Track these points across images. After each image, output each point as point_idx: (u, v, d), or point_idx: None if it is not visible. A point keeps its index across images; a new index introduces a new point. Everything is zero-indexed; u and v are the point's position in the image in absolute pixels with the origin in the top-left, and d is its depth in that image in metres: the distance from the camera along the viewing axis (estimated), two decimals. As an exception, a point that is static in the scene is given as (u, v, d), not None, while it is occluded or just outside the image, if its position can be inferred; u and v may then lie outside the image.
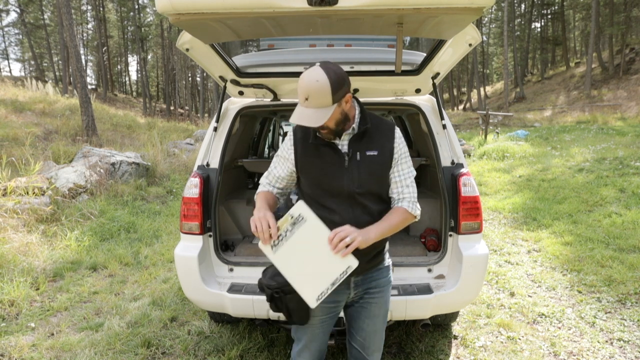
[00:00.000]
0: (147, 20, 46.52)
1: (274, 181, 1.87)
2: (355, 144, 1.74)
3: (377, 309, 1.90)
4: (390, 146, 1.76)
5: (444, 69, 2.82)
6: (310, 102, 1.56)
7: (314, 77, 1.54)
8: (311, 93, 1.54)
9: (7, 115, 12.48)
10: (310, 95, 1.55)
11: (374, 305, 1.88)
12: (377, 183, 1.76)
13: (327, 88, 1.54)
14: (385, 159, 1.76)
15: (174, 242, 5.47)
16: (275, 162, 1.87)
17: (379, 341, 1.97)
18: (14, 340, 3.16)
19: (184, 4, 1.59)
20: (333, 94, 1.55)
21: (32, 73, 43.60)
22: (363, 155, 1.73)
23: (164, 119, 25.47)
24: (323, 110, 1.56)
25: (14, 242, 4.85)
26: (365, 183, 1.72)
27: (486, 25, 48.42)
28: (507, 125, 21.47)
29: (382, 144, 1.76)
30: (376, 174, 1.75)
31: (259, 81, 2.93)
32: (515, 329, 3.29)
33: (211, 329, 3.32)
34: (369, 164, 1.73)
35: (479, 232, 2.65)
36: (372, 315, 1.90)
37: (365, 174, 1.72)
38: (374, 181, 1.75)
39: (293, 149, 1.79)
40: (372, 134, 1.77)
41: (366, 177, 1.72)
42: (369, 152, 1.74)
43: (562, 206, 6.71)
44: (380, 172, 1.76)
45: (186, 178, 8.08)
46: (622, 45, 30.91)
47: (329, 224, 1.61)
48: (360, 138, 1.75)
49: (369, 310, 1.89)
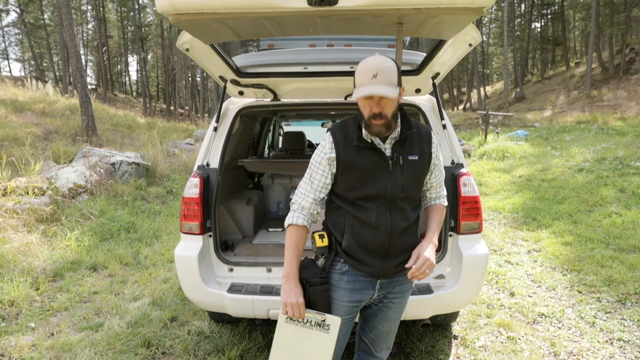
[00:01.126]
0: (147, 20, 46.52)
1: (319, 190, 1.77)
2: (399, 147, 1.72)
3: (395, 313, 1.91)
4: (429, 151, 1.79)
5: (444, 69, 2.82)
6: (379, 78, 1.56)
7: (380, 58, 1.59)
8: (380, 69, 1.56)
9: (7, 115, 12.48)
10: (379, 71, 1.56)
11: (393, 309, 1.89)
12: (417, 187, 1.79)
13: (395, 68, 1.60)
14: (425, 163, 1.78)
15: (174, 242, 5.47)
16: (314, 170, 1.78)
17: (389, 341, 1.99)
18: (14, 340, 3.16)
19: (184, 4, 1.59)
20: (398, 76, 1.62)
21: (32, 73, 43.59)
22: (405, 160, 1.72)
23: (164, 119, 25.49)
24: (393, 88, 1.58)
25: (14, 242, 4.85)
26: (407, 187, 1.71)
27: (486, 25, 48.42)
28: (507, 125, 21.47)
29: (422, 149, 1.77)
30: (417, 179, 1.77)
31: (259, 81, 2.93)
32: (515, 329, 3.29)
33: (211, 329, 3.32)
34: (411, 168, 1.73)
35: (479, 232, 2.65)
36: (389, 318, 1.91)
37: (408, 178, 1.72)
38: (415, 185, 1.76)
39: (335, 150, 1.72)
40: (414, 139, 1.77)
41: (409, 181, 1.72)
42: (411, 157, 1.73)
43: (562, 206, 6.71)
44: (420, 176, 1.79)
45: (186, 178, 8.08)
46: (622, 45, 30.91)
47: (362, 223, 1.70)
48: (403, 142, 1.73)
49: (387, 313, 1.90)
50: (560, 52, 42.32)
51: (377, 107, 1.60)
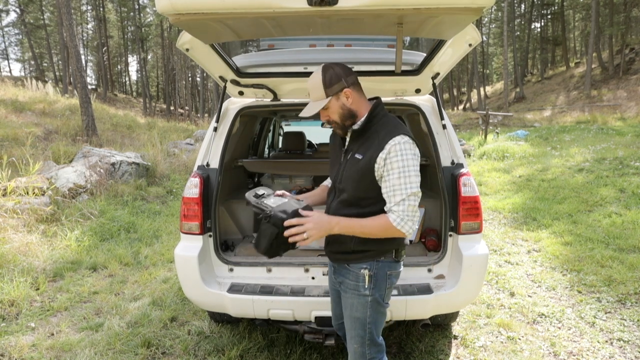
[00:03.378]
0: (147, 20, 46.50)
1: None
2: (354, 144, 1.89)
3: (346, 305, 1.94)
4: (375, 157, 1.74)
5: (444, 69, 2.82)
6: (311, 96, 1.85)
7: (312, 75, 1.84)
8: (309, 88, 1.84)
9: (7, 115, 12.47)
10: (309, 90, 1.84)
11: (345, 298, 1.95)
12: (353, 186, 1.82)
13: (318, 80, 1.80)
14: (365, 166, 1.77)
15: (174, 242, 5.46)
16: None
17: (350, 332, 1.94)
18: (14, 340, 3.17)
19: (184, 4, 1.59)
20: (325, 87, 1.79)
21: (32, 73, 43.59)
22: (352, 156, 1.86)
23: (164, 119, 25.48)
24: (318, 103, 1.82)
25: (14, 242, 4.85)
26: (344, 181, 1.87)
27: (486, 25, 48.41)
28: (507, 125, 21.46)
29: (370, 152, 1.77)
30: (354, 178, 1.81)
31: (259, 81, 2.93)
32: (515, 329, 3.29)
33: (211, 329, 3.32)
34: (352, 165, 1.83)
35: (479, 232, 2.65)
36: (345, 307, 1.96)
37: (347, 173, 1.86)
38: (350, 183, 1.83)
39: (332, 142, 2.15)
40: (370, 139, 1.80)
41: (347, 176, 1.86)
42: (357, 155, 1.82)
43: (562, 206, 6.71)
44: (358, 176, 1.79)
45: (186, 178, 8.08)
46: (622, 46, 30.91)
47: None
48: (358, 139, 1.87)
49: (344, 301, 1.96)
50: (560, 52, 42.32)
51: (323, 117, 1.88)
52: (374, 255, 1.84)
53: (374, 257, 1.84)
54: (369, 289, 1.84)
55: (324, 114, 1.86)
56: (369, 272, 1.84)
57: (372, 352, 1.92)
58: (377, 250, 1.83)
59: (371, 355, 1.92)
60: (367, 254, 1.84)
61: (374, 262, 1.85)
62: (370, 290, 1.84)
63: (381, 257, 1.85)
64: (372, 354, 1.92)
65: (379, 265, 1.85)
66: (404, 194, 1.69)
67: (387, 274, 1.87)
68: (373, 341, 1.91)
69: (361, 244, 1.81)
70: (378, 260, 1.85)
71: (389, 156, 1.71)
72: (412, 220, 1.71)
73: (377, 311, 1.88)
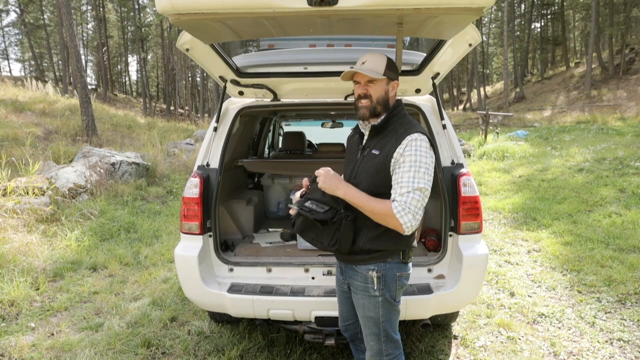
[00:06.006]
0: (147, 20, 46.47)
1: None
2: (372, 140, 1.90)
3: (358, 305, 1.97)
4: (392, 150, 1.78)
5: (444, 69, 2.82)
6: (366, 64, 1.84)
7: (376, 53, 1.88)
8: (369, 58, 1.85)
9: (7, 115, 12.47)
10: (368, 59, 1.85)
11: (356, 299, 1.96)
12: (367, 181, 1.83)
13: (383, 60, 1.85)
14: (382, 161, 1.80)
15: (174, 242, 5.46)
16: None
17: (365, 330, 1.98)
18: (14, 340, 3.16)
19: (184, 4, 1.59)
20: (386, 67, 1.84)
21: (32, 73, 43.58)
22: (369, 152, 1.87)
23: (164, 119, 25.47)
24: (374, 73, 1.82)
25: (14, 242, 4.85)
26: (359, 176, 1.87)
27: (486, 25, 48.39)
28: (507, 125, 21.46)
29: (386, 146, 1.81)
30: (368, 172, 1.83)
31: (259, 81, 2.93)
32: (515, 329, 3.29)
33: (211, 329, 3.32)
34: (369, 161, 1.84)
35: (479, 232, 2.65)
36: (357, 307, 1.98)
37: (362, 169, 1.87)
38: (366, 178, 1.84)
39: (349, 142, 2.11)
40: (388, 135, 1.84)
41: (362, 171, 1.87)
42: (374, 151, 1.84)
43: (562, 206, 6.71)
44: (373, 171, 1.82)
45: (186, 178, 8.07)
46: (622, 46, 30.91)
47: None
48: (376, 136, 1.88)
49: (356, 301, 1.98)
50: (560, 52, 42.31)
51: (362, 89, 1.86)
52: (382, 257, 1.85)
53: (381, 259, 1.86)
54: (378, 289, 1.87)
55: (366, 87, 1.86)
56: (376, 273, 1.86)
57: (388, 348, 1.95)
58: (385, 251, 1.85)
59: (388, 352, 1.96)
60: (374, 255, 1.85)
61: (381, 263, 1.86)
62: (380, 291, 1.87)
63: (388, 259, 1.86)
64: (389, 350, 1.96)
65: (386, 266, 1.86)
66: (410, 186, 1.71)
67: (397, 275, 1.89)
68: (389, 337, 1.95)
69: (370, 242, 1.82)
70: (385, 261, 1.86)
71: (404, 150, 1.76)
72: (414, 213, 1.70)
73: (389, 309, 1.91)
